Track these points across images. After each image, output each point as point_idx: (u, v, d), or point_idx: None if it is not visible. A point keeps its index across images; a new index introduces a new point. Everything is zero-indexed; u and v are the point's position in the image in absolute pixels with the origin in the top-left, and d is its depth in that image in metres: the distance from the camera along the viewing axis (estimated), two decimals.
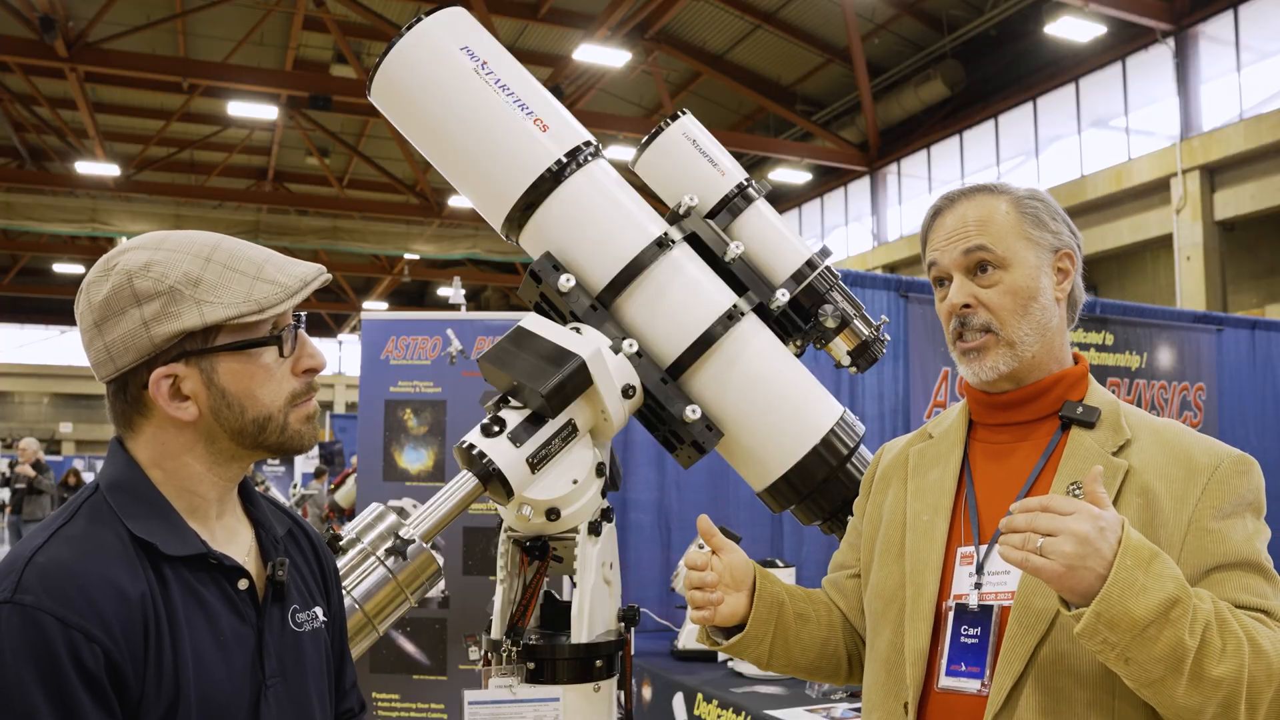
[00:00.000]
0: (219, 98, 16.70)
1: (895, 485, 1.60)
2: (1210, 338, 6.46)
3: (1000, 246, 1.47)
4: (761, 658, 1.59)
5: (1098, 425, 1.45)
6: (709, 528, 1.55)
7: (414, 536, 1.56)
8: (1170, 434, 1.43)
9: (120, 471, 1.16)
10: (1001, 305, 1.46)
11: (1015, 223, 1.49)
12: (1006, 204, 1.50)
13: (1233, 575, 1.31)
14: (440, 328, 4.67)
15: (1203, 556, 1.32)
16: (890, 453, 1.67)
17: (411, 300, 29.36)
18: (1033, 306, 1.47)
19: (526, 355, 1.62)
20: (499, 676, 1.61)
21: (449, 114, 1.70)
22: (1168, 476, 1.37)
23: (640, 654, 3.86)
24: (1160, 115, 13.92)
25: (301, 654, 1.24)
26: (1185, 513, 1.34)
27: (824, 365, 2.07)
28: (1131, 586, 1.18)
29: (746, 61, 17.60)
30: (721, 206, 1.91)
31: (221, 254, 1.16)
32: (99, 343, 1.13)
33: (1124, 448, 1.42)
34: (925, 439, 1.62)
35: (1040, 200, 1.52)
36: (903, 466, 1.60)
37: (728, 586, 1.53)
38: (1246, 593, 1.30)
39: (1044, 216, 1.50)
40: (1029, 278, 1.47)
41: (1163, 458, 1.39)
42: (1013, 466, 1.48)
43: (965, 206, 1.52)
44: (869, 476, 1.69)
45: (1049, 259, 1.50)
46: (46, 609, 1.01)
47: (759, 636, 1.56)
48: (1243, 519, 1.36)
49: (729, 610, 1.53)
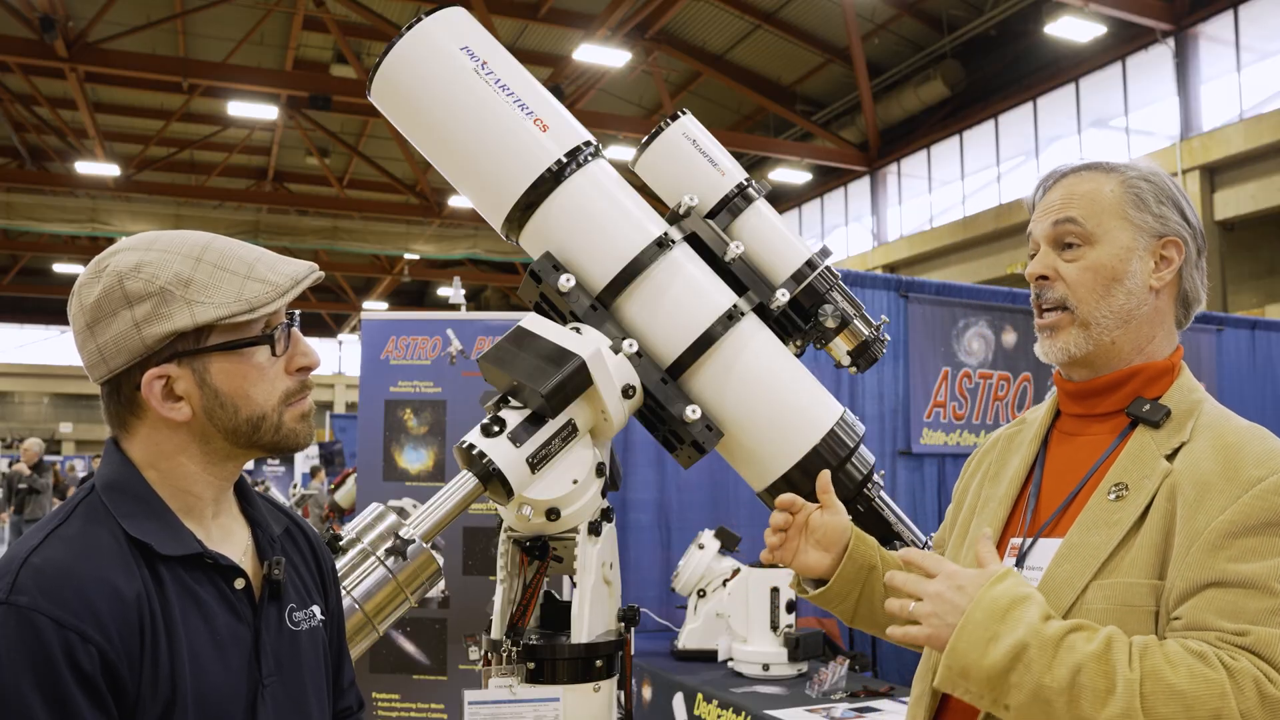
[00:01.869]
0: (219, 98, 16.69)
1: (985, 469, 1.62)
2: (1210, 338, 6.46)
3: (1091, 222, 1.42)
4: (847, 613, 1.67)
5: (1163, 425, 1.38)
6: (825, 484, 1.65)
7: (414, 536, 1.55)
8: (1236, 440, 1.33)
9: (115, 472, 1.16)
10: (1079, 281, 1.41)
11: (1116, 201, 1.42)
12: (1114, 182, 1.43)
13: (1226, 595, 1.22)
14: (440, 328, 4.67)
15: (1203, 570, 1.24)
16: (995, 435, 1.68)
17: (411, 300, 29.36)
18: (1115, 288, 1.40)
19: (526, 355, 1.62)
20: (499, 676, 1.61)
21: (449, 114, 1.70)
22: (1204, 483, 1.29)
23: (640, 654, 3.86)
24: (1160, 115, 13.92)
25: (299, 653, 1.24)
26: (1203, 522, 1.26)
27: (824, 365, 2.07)
28: (978, 637, 1.22)
29: (746, 61, 17.60)
30: (721, 206, 1.91)
31: (212, 254, 1.15)
32: (91, 344, 1.13)
33: (1178, 450, 1.35)
34: (1020, 425, 1.62)
35: (1151, 181, 1.44)
36: (995, 450, 1.62)
37: (816, 542, 1.63)
38: (1229, 616, 1.21)
39: (1149, 198, 1.42)
40: (1116, 258, 1.40)
41: (1211, 463, 1.31)
42: (1079, 460, 1.45)
43: (1073, 181, 1.47)
44: (972, 457, 1.71)
45: (1148, 243, 1.42)
46: (42, 610, 1.01)
47: (842, 594, 1.64)
48: (1272, 538, 1.24)
49: (807, 562, 1.63)
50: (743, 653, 3.61)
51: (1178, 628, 1.25)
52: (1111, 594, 1.30)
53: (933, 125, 17.47)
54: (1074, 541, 1.36)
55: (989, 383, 5.72)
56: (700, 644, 3.92)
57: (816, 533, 1.62)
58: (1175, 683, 1.16)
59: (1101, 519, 1.35)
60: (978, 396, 5.68)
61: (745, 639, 3.62)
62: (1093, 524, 1.35)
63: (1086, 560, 1.33)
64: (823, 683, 3.28)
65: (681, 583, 4.01)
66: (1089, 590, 1.31)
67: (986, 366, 5.71)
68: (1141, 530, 1.31)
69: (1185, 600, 1.25)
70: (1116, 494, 1.35)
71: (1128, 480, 1.35)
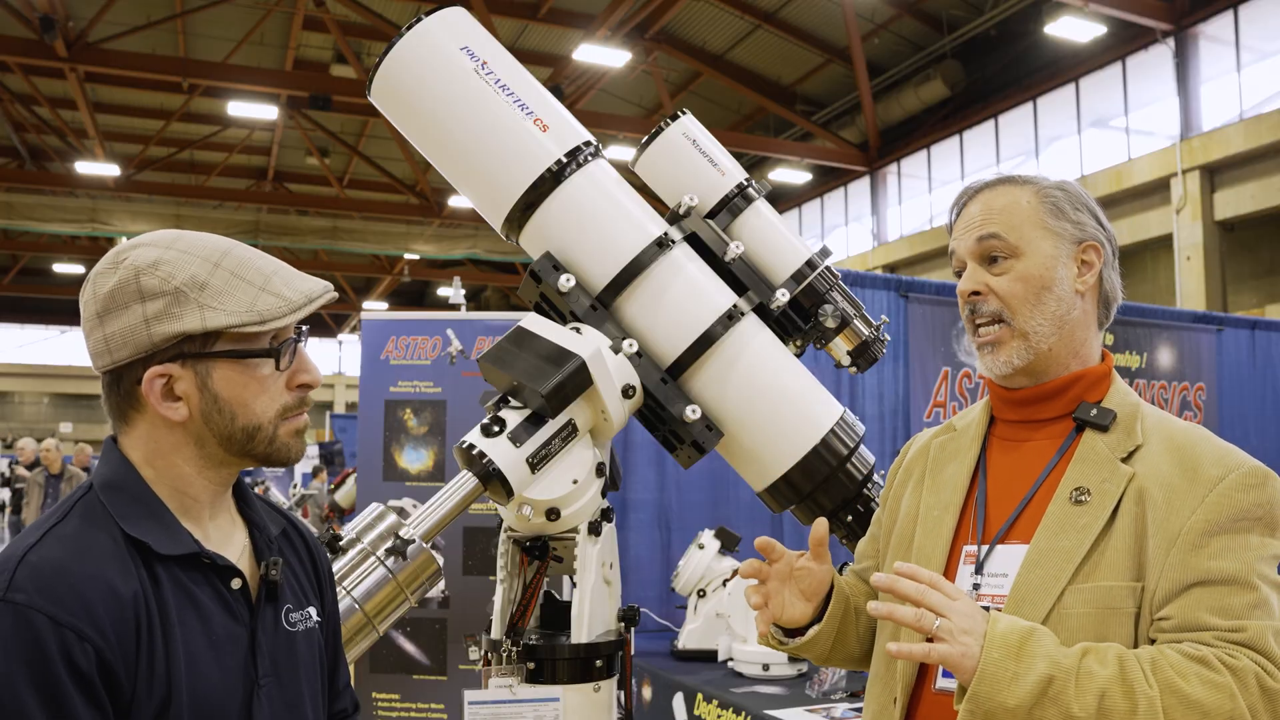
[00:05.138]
0: (219, 98, 16.70)
1: (915, 478, 1.60)
2: (1210, 338, 6.46)
3: (1013, 235, 1.45)
4: (820, 657, 1.62)
5: (1111, 428, 1.41)
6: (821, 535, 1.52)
7: (414, 536, 1.55)
8: (1185, 441, 1.37)
9: (113, 471, 1.16)
10: (1011, 293, 1.44)
11: (1034, 212, 1.46)
12: (1029, 194, 1.47)
13: (1211, 593, 1.25)
14: (440, 328, 4.67)
15: (1184, 571, 1.26)
16: (917, 444, 1.67)
17: (411, 300, 29.37)
18: (1046, 296, 1.44)
19: (526, 355, 1.62)
20: (499, 676, 1.61)
21: (449, 114, 1.70)
22: (1169, 486, 1.32)
23: (640, 654, 3.86)
24: (1160, 115, 13.92)
25: (295, 654, 1.24)
26: (1177, 524, 1.29)
27: (824, 365, 2.07)
28: (1000, 678, 1.20)
29: (746, 61, 17.60)
30: (721, 206, 1.91)
31: (231, 261, 1.16)
32: (99, 333, 1.14)
33: (1134, 453, 1.37)
34: (949, 432, 1.61)
35: (1065, 190, 1.49)
36: (924, 459, 1.60)
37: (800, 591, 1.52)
38: (1219, 614, 1.24)
39: (1065, 206, 1.46)
40: (1042, 267, 1.44)
41: (1169, 465, 1.34)
42: (1025, 466, 1.46)
43: (988, 196, 1.50)
44: (895, 467, 1.69)
45: (1070, 250, 1.46)
46: (39, 608, 1.01)
47: (819, 641, 1.57)
48: (1243, 535, 1.28)
49: (792, 614, 1.53)
50: (743, 653, 3.61)
51: (1168, 629, 1.26)
52: (1091, 598, 1.30)
53: (933, 125, 17.47)
54: (1043, 547, 1.35)
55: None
56: (700, 644, 3.92)
57: (801, 581, 1.53)
58: (1190, 693, 1.18)
59: (1067, 524, 1.35)
60: (978, 396, 5.67)
61: (745, 639, 3.62)
62: (1059, 529, 1.35)
63: (1059, 565, 1.33)
64: (823, 683, 3.28)
65: (681, 583, 4.01)
66: (1066, 595, 1.31)
67: None
68: (1112, 533, 1.32)
69: (1171, 601, 1.27)
70: (1078, 499, 1.36)
71: (1088, 484, 1.36)
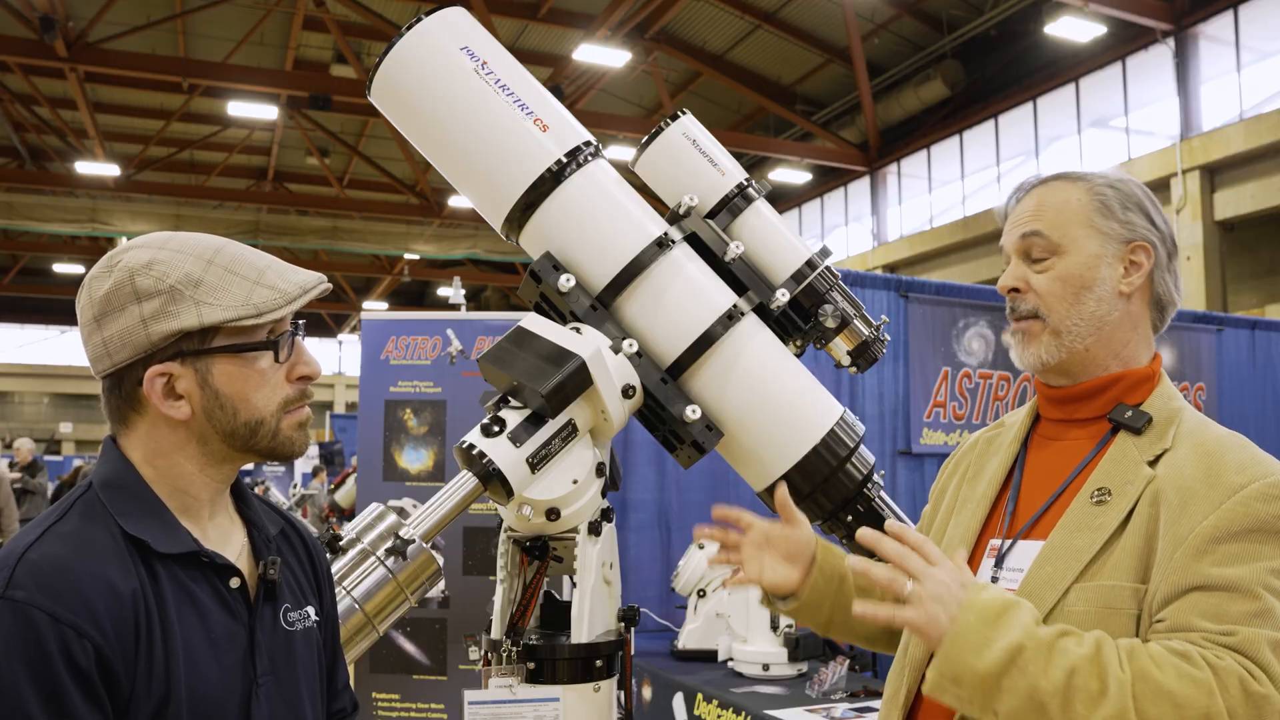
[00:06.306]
0: (219, 98, 16.69)
1: (961, 471, 1.63)
2: (1210, 338, 6.46)
3: (1056, 233, 1.44)
4: (820, 625, 1.65)
5: (1145, 431, 1.39)
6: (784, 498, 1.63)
7: (414, 536, 1.55)
8: (1216, 447, 1.34)
9: (113, 469, 1.16)
10: (1049, 291, 1.43)
11: (1082, 210, 1.44)
12: (1081, 191, 1.45)
13: (1209, 598, 1.23)
14: (440, 328, 4.67)
15: (1186, 575, 1.25)
16: (971, 439, 1.69)
17: (411, 300, 29.36)
18: (1085, 296, 1.42)
19: (526, 355, 1.62)
20: (499, 676, 1.61)
21: (449, 114, 1.70)
22: (1186, 489, 1.30)
23: (640, 654, 3.86)
24: (1160, 115, 13.92)
25: (293, 653, 1.24)
26: (1187, 527, 1.27)
27: (824, 365, 2.07)
28: (971, 641, 1.20)
29: (746, 61, 17.60)
30: (721, 206, 1.91)
31: (224, 257, 1.17)
32: (97, 337, 1.14)
33: (1160, 457, 1.36)
34: (999, 428, 1.63)
35: (1117, 188, 1.46)
36: (973, 453, 1.63)
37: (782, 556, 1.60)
38: (1212, 619, 1.21)
39: (1115, 205, 1.44)
40: (1084, 266, 1.42)
41: (1193, 470, 1.32)
42: (1059, 465, 1.46)
43: (1042, 191, 1.49)
44: (950, 458, 1.71)
45: (1117, 250, 1.43)
46: (38, 605, 1.01)
47: (814, 605, 1.61)
48: (1256, 545, 1.25)
49: (775, 577, 1.60)
50: (743, 653, 3.61)
51: (1161, 630, 1.26)
52: (1093, 596, 1.30)
53: (933, 125, 17.46)
54: (1056, 544, 1.36)
55: (989, 383, 5.72)
56: (700, 644, 3.92)
57: (780, 546, 1.60)
58: (1164, 682, 1.16)
59: (1084, 523, 1.35)
60: (978, 396, 5.68)
61: (745, 639, 3.63)
62: (1075, 527, 1.36)
63: (1069, 563, 1.33)
64: (823, 683, 3.28)
65: (681, 583, 4.01)
66: (1071, 592, 1.32)
67: (986, 366, 5.71)
68: (1124, 534, 1.32)
69: (1169, 604, 1.26)
70: (1099, 498, 1.36)
71: (1110, 485, 1.36)
